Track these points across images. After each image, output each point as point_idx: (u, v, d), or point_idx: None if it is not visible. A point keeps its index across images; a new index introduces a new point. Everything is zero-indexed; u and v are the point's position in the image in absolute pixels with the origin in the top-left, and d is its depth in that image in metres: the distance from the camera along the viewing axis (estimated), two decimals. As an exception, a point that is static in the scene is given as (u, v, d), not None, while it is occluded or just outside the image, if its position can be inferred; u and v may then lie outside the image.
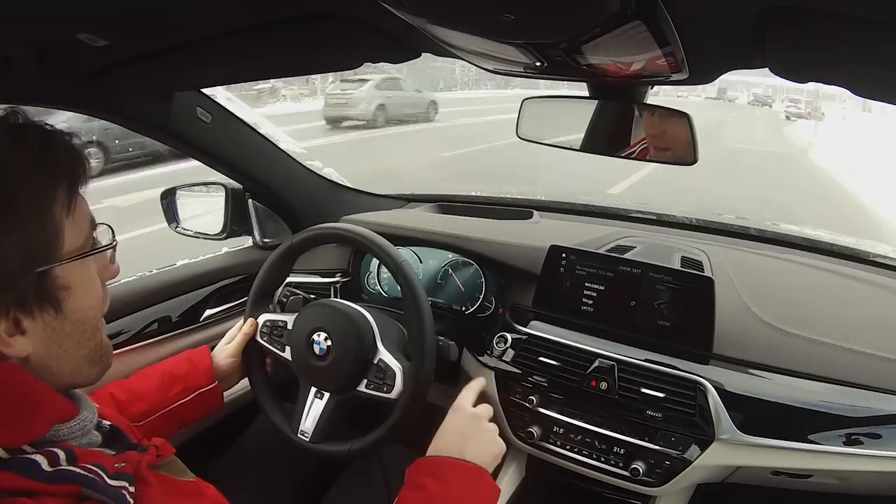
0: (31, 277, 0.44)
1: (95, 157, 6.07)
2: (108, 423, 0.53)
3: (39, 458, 0.42)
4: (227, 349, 0.92)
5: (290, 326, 0.92)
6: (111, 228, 0.53)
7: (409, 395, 0.83)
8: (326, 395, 0.88)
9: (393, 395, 0.84)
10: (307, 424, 0.88)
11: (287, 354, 0.91)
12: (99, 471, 0.44)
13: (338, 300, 0.94)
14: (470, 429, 0.76)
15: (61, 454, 0.43)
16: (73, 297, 0.47)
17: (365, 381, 0.86)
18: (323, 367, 0.87)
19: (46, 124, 0.48)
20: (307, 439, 0.88)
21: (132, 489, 0.45)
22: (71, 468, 0.43)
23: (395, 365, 0.85)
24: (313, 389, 0.89)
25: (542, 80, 0.90)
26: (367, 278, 1.27)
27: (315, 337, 0.87)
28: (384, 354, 0.86)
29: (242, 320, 0.95)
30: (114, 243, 0.53)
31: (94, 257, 0.50)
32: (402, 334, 0.92)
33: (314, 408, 0.88)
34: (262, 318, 0.94)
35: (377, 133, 10.41)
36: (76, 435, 0.47)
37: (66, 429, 0.46)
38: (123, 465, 0.46)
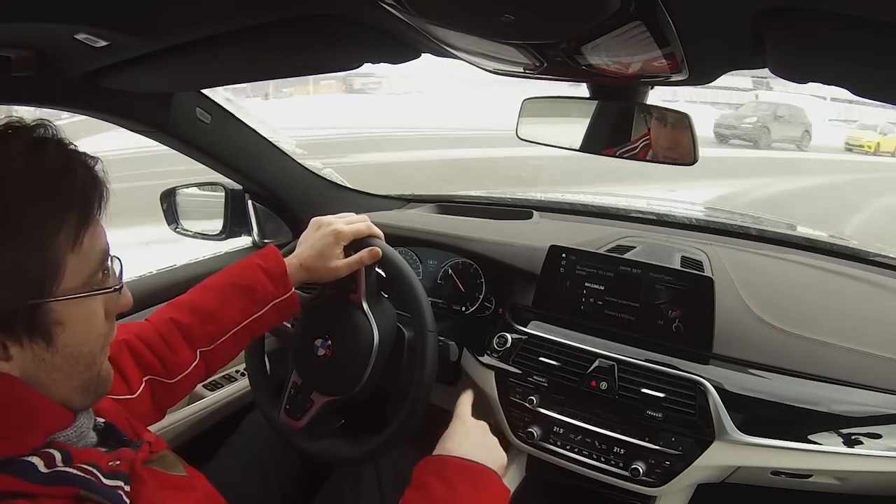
0: (23, 308, 0.41)
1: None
2: (103, 420, 0.53)
3: (35, 459, 0.42)
4: (330, 251, 0.81)
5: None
6: (121, 263, 0.50)
7: (409, 405, 0.83)
8: (328, 397, 0.87)
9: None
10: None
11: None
12: (95, 471, 0.44)
13: (366, 324, 0.88)
14: (477, 435, 0.71)
15: (57, 455, 0.43)
16: (67, 332, 0.44)
17: (344, 396, 0.86)
18: (323, 369, 0.87)
19: (71, 144, 0.45)
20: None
21: (128, 488, 0.45)
22: (67, 469, 0.43)
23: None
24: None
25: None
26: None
27: (317, 341, 0.87)
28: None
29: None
30: (119, 285, 0.49)
31: (97, 295, 0.46)
32: (403, 336, 0.92)
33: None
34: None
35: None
36: (72, 440, 0.47)
37: (63, 437, 0.46)
38: (118, 463, 0.46)
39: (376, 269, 0.89)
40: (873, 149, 12.11)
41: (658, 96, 0.84)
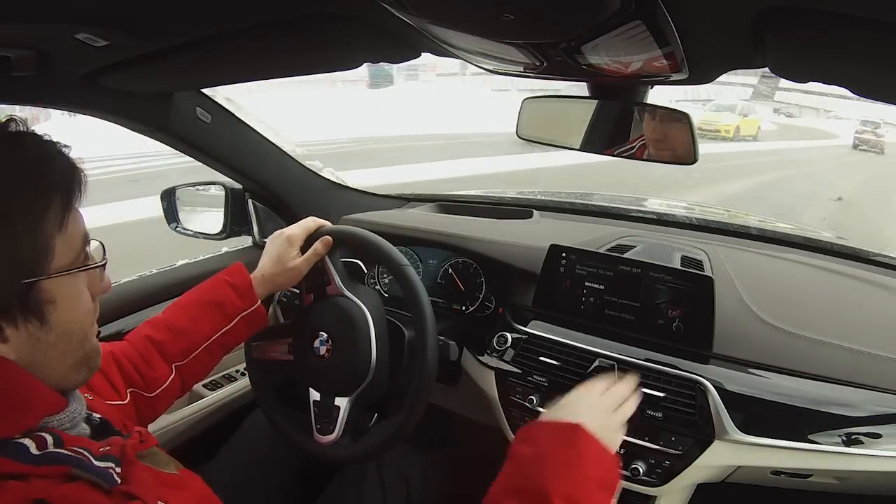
0: (17, 288, 0.44)
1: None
2: (99, 416, 0.53)
3: (28, 441, 0.43)
4: (286, 255, 0.85)
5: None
6: (103, 245, 0.53)
7: (411, 399, 0.83)
8: (350, 395, 0.87)
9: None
10: (344, 433, 0.87)
11: (288, 354, 0.91)
12: (85, 452, 0.45)
13: (352, 303, 0.89)
14: (587, 404, 0.65)
15: (49, 438, 0.44)
16: (59, 310, 0.46)
17: (352, 396, 0.86)
18: (331, 366, 0.87)
19: (45, 135, 0.48)
20: (318, 445, 0.87)
21: (118, 469, 0.46)
22: (58, 450, 0.44)
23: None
24: (335, 398, 0.88)
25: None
26: (366, 277, 1.27)
27: (316, 343, 0.87)
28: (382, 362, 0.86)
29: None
30: (104, 261, 0.52)
31: (84, 272, 0.49)
32: (403, 335, 0.92)
33: (343, 415, 0.87)
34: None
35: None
36: (65, 426, 0.47)
37: (56, 421, 0.47)
38: (108, 448, 0.47)
39: (341, 259, 0.91)
40: (732, 133, 10.36)
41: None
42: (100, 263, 0.51)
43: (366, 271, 0.95)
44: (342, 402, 0.86)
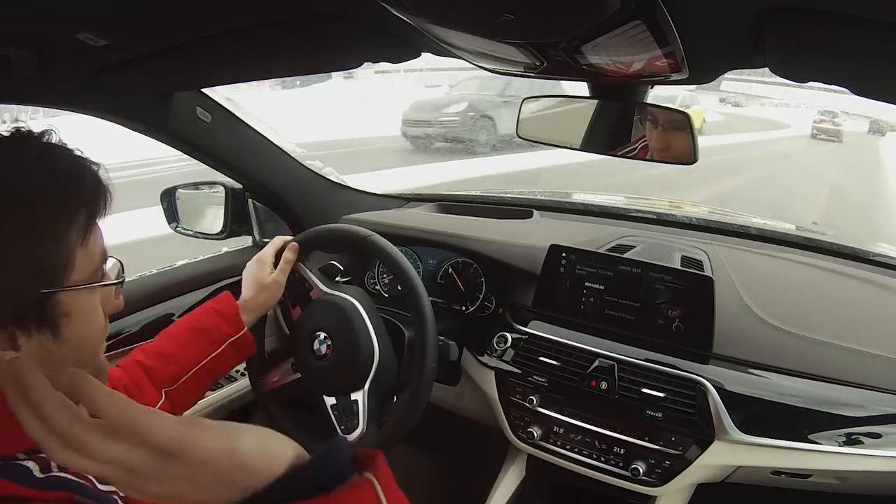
0: (35, 297, 0.43)
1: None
2: None
3: (31, 464, 0.42)
4: (261, 274, 0.89)
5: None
6: (121, 263, 0.53)
7: (409, 396, 0.83)
8: (364, 386, 0.87)
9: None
10: (370, 425, 0.87)
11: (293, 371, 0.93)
12: (89, 475, 0.44)
13: (338, 297, 0.91)
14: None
15: None
16: (73, 324, 0.46)
17: (366, 386, 0.86)
18: (336, 363, 0.87)
19: (76, 149, 0.48)
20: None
21: (122, 493, 0.45)
22: (62, 474, 0.43)
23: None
24: (351, 393, 0.88)
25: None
26: (367, 278, 1.27)
27: (315, 344, 0.88)
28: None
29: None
30: (121, 279, 0.53)
31: (99, 289, 0.49)
32: (403, 335, 0.92)
33: (363, 408, 0.87)
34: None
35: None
36: None
37: None
38: None
39: (318, 266, 0.94)
40: (671, 126, 10.62)
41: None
42: (118, 281, 0.52)
43: (342, 268, 0.97)
44: (358, 396, 0.87)
